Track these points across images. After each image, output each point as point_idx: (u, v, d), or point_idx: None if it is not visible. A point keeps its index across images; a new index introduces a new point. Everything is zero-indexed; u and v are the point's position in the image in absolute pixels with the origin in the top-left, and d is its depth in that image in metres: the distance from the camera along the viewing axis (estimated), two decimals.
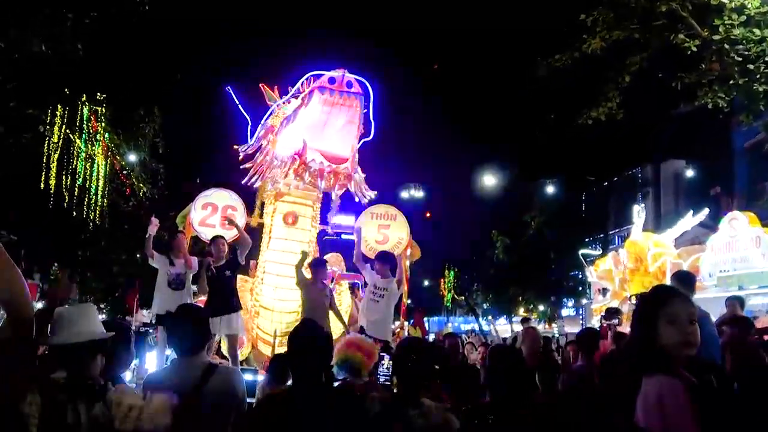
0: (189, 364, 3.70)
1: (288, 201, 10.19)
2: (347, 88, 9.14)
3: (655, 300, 3.01)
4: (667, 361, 2.86)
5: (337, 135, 9.46)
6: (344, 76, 9.13)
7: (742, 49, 14.46)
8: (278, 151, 9.81)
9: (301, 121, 9.49)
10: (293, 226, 10.11)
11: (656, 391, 2.71)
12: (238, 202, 10.51)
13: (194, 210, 10.33)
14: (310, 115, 9.39)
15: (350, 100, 9.17)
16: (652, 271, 15.44)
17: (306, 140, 9.29)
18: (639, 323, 2.99)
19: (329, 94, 9.11)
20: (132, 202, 22.19)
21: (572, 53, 16.41)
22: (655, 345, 2.84)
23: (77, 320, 3.44)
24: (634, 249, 16.24)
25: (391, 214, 11.05)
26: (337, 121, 9.34)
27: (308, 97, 9.36)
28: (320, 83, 9.22)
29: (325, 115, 9.29)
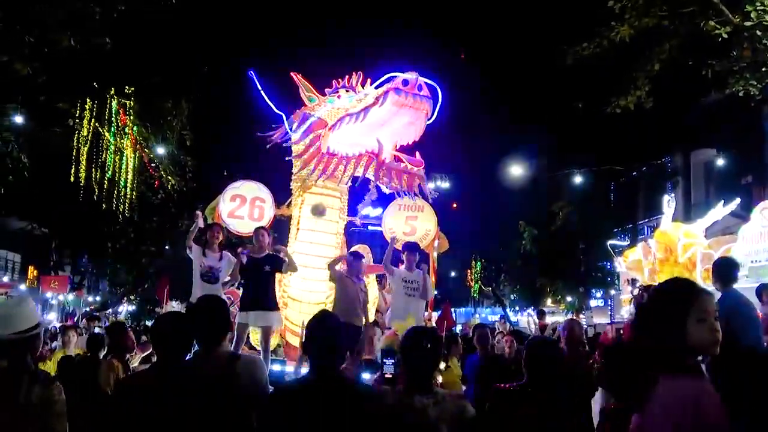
0: (211, 355, 3.71)
1: (316, 193, 10.24)
2: (418, 91, 9.29)
3: (684, 296, 2.88)
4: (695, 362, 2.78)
5: (404, 135, 9.75)
6: (417, 79, 9.30)
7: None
8: (335, 146, 9.89)
9: (374, 120, 9.59)
10: (321, 217, 10.17)
11: (692, 394, 2.60)
12: (266, 193, 10.58)
13: (223, 202, 10.41)
14: (384, 115, 9.53)
15: (421, 103, 9.34)
16: (682, 261, 15.31)
17: (381, 140, 9.54)
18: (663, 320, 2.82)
19: (404, 96, 9.24)
20: (160, 195, 22.42)
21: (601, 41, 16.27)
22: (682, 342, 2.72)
23: (12, 315, 3.71)
24: (664, 239, 16.11)
25: (418, 205, 11.04)
26: (399, 121, 9.54)
27: (383, 98, 9.44)
28: (395, 84, 9.33)
29: (391, 115, 9.46)
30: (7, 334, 3.61)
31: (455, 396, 3.70)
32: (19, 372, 3.50)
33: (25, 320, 3.71)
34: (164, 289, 12.67)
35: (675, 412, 2.58)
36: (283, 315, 9.74)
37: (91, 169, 17.36)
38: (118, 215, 19.49)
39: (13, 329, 3.64)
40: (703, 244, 15.47)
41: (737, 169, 29.74)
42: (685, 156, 32.46)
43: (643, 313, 3.02)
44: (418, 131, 9.65)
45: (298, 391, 3.20)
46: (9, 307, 3.91)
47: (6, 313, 3.77)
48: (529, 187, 36.08)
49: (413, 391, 3.50)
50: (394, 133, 9.68)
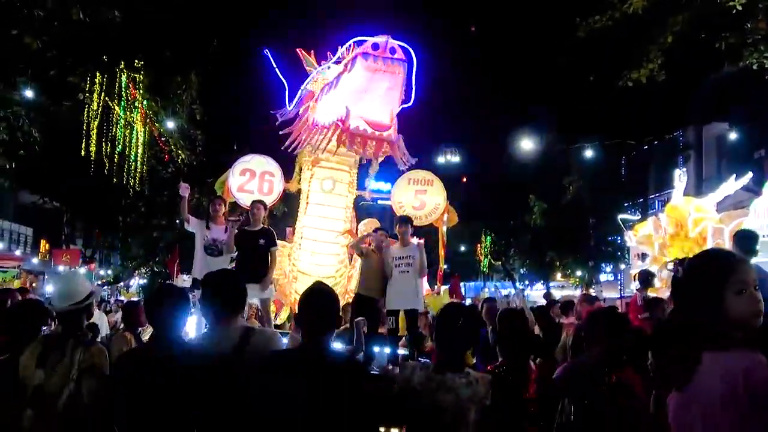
0: (227, 329, 3.69)
1: (326, 167, 10.26)
2: (391, 54, 9.08)
3: (721, 267, 2.76)
4: (741, 335, 2.66)
5: (378, 101, 9.40)
6: (388, 42, 9.08)
7: None
8: (318, 117, 9.81)
9: (344, 87, 9.44)
10: (331, 191, 10.17)
11: (742, 366, 2.50)
12: (275, 167, 10.60)
13: (232, 176, 10.44)
14: (353, 81, 9.33)
15: (393, 66, 9.11)
16: (693, 236, 15.25)
17: (349, 106, 9.24)
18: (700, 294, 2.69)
19: (372, 60, 9.07)
20: (171, 169, 22.43)
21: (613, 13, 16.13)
22: (721, 317, 2.61)
23: (69, 289, 4.34)
24: (675, 214, 16.04)
25: (428, 179, 11.04)
26: (379, 87, 9.29)
27: (351, 63, 9.32)
28: (363, 49, 9.17)
29: (368, 81, 9.24)
30: (66, 305, 4.24)
31: (487, 380, 3.63)
32: (71, 336, 4.11)
33: (80, 293, 4.32)
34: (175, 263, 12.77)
35: (724, 388, 2.51)
36: (294, 288, 9.78)
37: (101, 143, 17.35)
38: (128, 189, 19.53)
39: (71, 301, 4.26)
40: (714, 218, 15.40)
41: (750, 143, 29.53)
42: (697, 130, 32.25)
43: (679, 288, 2.89)
44: (399, 95, 9.43)
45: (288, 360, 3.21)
46: (65, 283, 4.54)
47: (64, 288, 4.40)
48: (540, 161, 35.82)
49: (445, 368, 3.52)
50: (384, 100, 9.42)
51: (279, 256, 9.33)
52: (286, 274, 10.24)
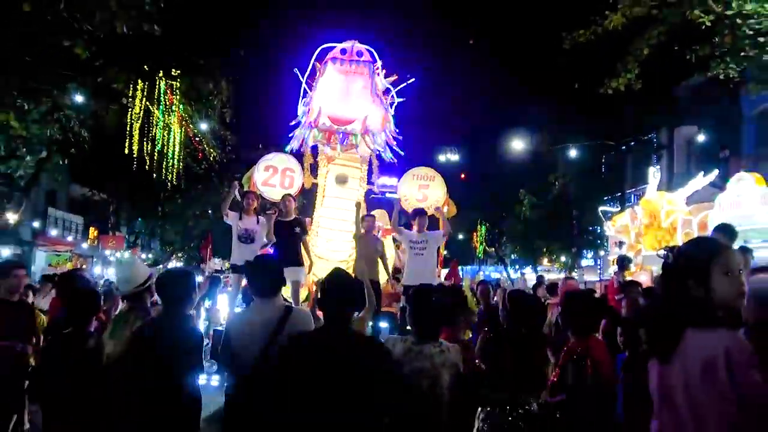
0: (269, 305, 3.75)
1: (338, 164, 10.24)
2: (357, 57, 9.40)
3: (710, 251, 2.73)
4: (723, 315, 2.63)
5: (350, 99, 9.61)
6: (353, 46, 9.46)
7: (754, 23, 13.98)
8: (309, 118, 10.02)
9: (320, 89, 9.68)
10: (344, 185, 10.16)
11: (724, 345, 2.45)
12: (295, 164, 10.59)
13: (257, 172, 10.43)
14: (328, 84, 9.57)
15: (360, 67, 9.43)
16: (665, 226, 15.22)
17: (322, 107, 9.51)
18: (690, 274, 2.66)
19: (340, 63, 9.42)
20: (204, 165, 22.49)
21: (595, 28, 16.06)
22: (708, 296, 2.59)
23: (131, 275, 4.55)
24: (649, 206, 16.00)
25: (430, 175, 11.01)
26: (351, 87, 9.53)
27: (323, 67, 9.63)
28: (333, 54, 9.50)
29: (340, 82, 9.48)
30: (130, 289, 4.48)
31: (457, 348, 3.78)
32: (134, 314, 4.26)
33: (140, 277, 4.52)
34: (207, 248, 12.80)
35: (705, 363, 2.48)
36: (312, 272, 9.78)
37: (142, 142, 17.41)
38: (166, 183, 19.58)
39: (133, 285, 4.48)
40: (684, 211, 15.36)
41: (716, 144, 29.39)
42: (669, 132, 32.14)
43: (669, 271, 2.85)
44: (369, 92, 9.57)
45: (313, 341, 3.19)
46: (127, 270, 4.75)
47: (126, 274, 4.61)
48: (530, 159, 35.76)
49: (421, 340, 3.64)
50: (356, 98, 9.62)
51: None
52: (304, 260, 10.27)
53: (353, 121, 9.57)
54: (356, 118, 9.58)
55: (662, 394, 2.69)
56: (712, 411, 2.48)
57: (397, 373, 3.11)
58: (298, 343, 3.20)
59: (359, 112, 9.63)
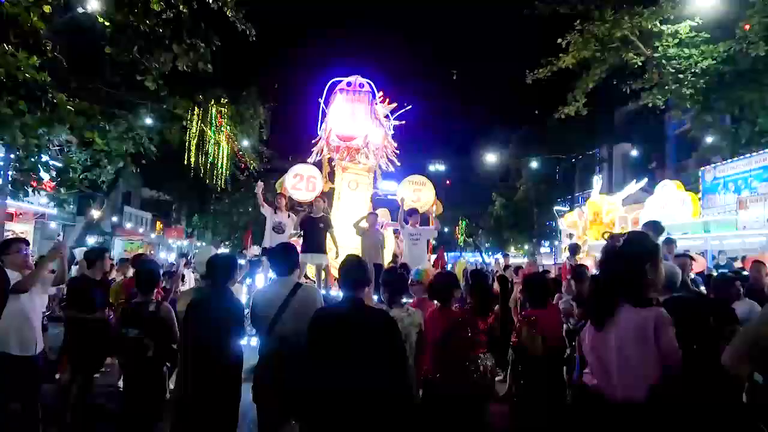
0: (284, 282, 3.71)
1: (351, 172, 10.27)
2: (359, 88, 9.58)
3: (653, 244, 2.80)
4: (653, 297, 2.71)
5: (353, 120, 9.78)
6: (357, 80, 9.64)
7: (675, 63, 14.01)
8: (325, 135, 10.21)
9: (331, 114, 9.88)
10: (355, 190, 10.19)
11: (653, 316, 2.54)
12: (317, 172, 10.56)
13: (288, 178, 10.40)
14: (337, 109, 9.77)
15: (361, 96, 9.65)
16: (606, 222, 15.20)
17: (332, 128, 9.75)
18: (645, 261, 2.68)
19: (346, 93, 9.63)
20: (245, 174, 22.45)
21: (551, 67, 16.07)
22: (639, 280, 2.64)
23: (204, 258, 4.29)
24: (593, 206, 15.98)
25: (422, 181, 10.96)
26: (354, 111, 9.71)
27: (334, 97, 9.85)
28: (341, 86, 9.72)
29: (345, 107, 9.68)
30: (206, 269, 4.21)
31: (420, 313, 3.90)
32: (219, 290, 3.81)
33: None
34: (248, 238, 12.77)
35: (638, 330, 2.54)
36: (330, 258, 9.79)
37: (198, 155, 17.39)
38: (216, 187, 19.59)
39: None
40: (620, 210, 15.34)
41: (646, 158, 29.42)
42: (610, 148, 32.11)
43: (611, 254, 2.87)
44: (369, 115, 9.79)
45: (334, 313, 3.16)
46: (203, 255, 4.70)
47: (203, 258, 4.47)
48: (500, 169, 35.80)
49: (390, 306, 3.83)
50: (358, 120, 9.77)
51: None
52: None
53: (356, 138, 9.76)
54: (358, 135, 9.78)
55: (596, 354, 2.72)
56: (639, 364, 2.54)
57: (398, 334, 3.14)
58: (323, 314, 3.19)
59: (361, 130, 9.80)
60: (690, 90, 14.05)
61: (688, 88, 14.04)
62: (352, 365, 2.83)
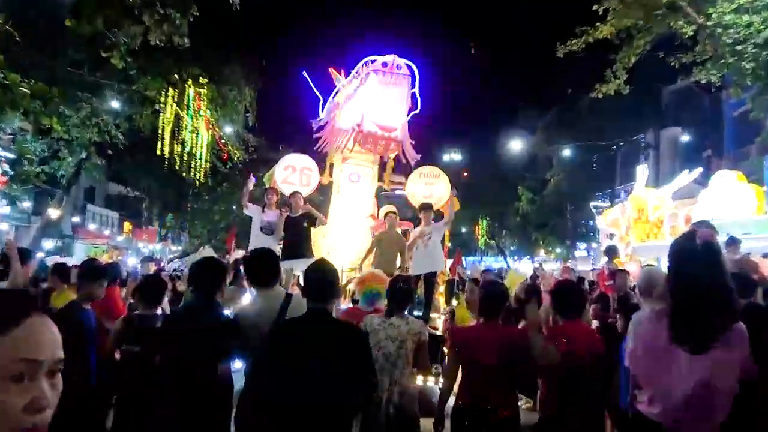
0: (270, 295, 3.70)
1: (352, 163, 10.30)
2: (397, 70, 9.30)
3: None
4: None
5: (389, 109, 9.59)
6: (394, 60, 9.34)
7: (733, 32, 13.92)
8: (341, 123, 9.99)
9: (360, 98, 9.66)
10: (356, 183, 10.23)
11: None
12: (312, 164, 10.65)
13: (278, 170, 10.51)
14: (368, 93, 9.54)
15: (400, 80, 9.37)
16: (652, 220, 15.18)
17: (364, 114, 9.46)
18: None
19: (383, 75, 9.32)
20: (228, 165, 22.52)
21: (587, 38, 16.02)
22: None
23: None
24: (637, 202, 15.95)
25: (435, 173, 11.02)
26: (388, 97, 9.49)
27: (365, 78, 9.57)
28: (375, 66, 9.42)
29: (379, 92, 9.44)
30: None
31: (420, 322, 4.43)
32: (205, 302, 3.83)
33: None
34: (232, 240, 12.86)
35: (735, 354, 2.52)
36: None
37: (173, 144, 17.47)
38: (195, 181, 19.68)
39: None
40: (670, 206, 15.30)
41: (698, 144, 29.29)
42: (656, 133, 31.99)
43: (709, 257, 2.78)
44: (405, 103, 9.65)
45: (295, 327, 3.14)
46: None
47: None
48: (527, 158, 35.74)
49: (390, 315, 4.26)
50: (394, 107, 9.62)
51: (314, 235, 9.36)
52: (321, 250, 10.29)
53: (396, 129, 9.66)
54: (397, 126, 9.69)
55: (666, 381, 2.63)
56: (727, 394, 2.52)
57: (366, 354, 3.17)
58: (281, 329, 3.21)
59: (398, 120, 9.72)
60: (751, 64, 13.96)
61: (749, 61, 13.94)
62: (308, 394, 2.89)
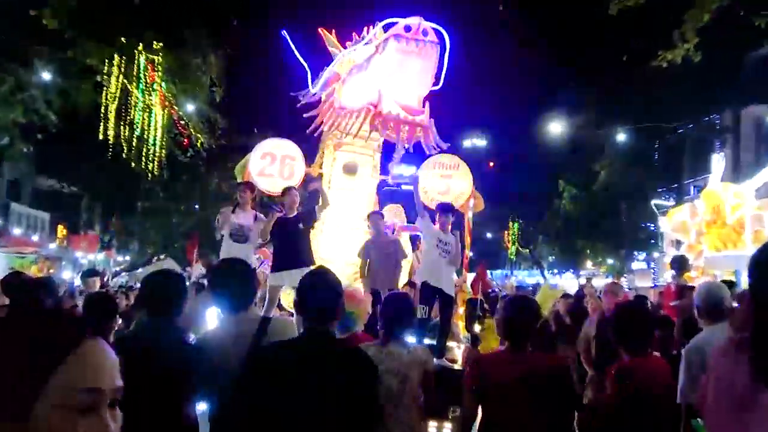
0: (241, 320, 3.65)
1: (348, 150, 10.21)
2: (423, 36, 8.97)
3: None
4: None
5: (410, 84, 9.36)
6: (420, 24, 8.87)
7: None
8: (346, 100, 9.71)
9: (375, 70, 9.32)
10: (353, 176, 10.17)
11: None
12: (296, 151, 10.59)
13: (253, 160, 10.44)
14: (385, 64, 9.19)
15: (425, 49, 8.93)
16: (730, 223, 15.11)
17: (382, 91, 9.11)
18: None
19: (405, 42, 8.86)
20: (190, 153, 22.57)
21: None
22: None
23: None
24: (712, 200, 15.88)
25: (453, 163, 10.97)
26: (411, 70, 9.15)
27: (383, 45, 9.14)
28: (396, 31, 8.94)
29: (399, 63, 9.09)
30: None
31: (423, 349, 4.58)
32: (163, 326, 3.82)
33: None
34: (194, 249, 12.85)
35: None
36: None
37: (119, 126, 17.50)
38: (147, 174, 19.69)
39: None
40: (753, 205, 15.24)
41: None
42: (735, 113, 31.85)
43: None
44: (430, 79, 9.27)
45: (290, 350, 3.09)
46: None
47: None
48: (570, 144, 35.63)
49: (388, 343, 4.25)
50: (415, 83, 9.35)
51: None
52: None
53: (423, 111, 9.41)
54: (424, 108, 9.38)
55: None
56: None
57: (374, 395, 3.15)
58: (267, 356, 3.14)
59: (421, 100, 9.44)
60: None
61: None
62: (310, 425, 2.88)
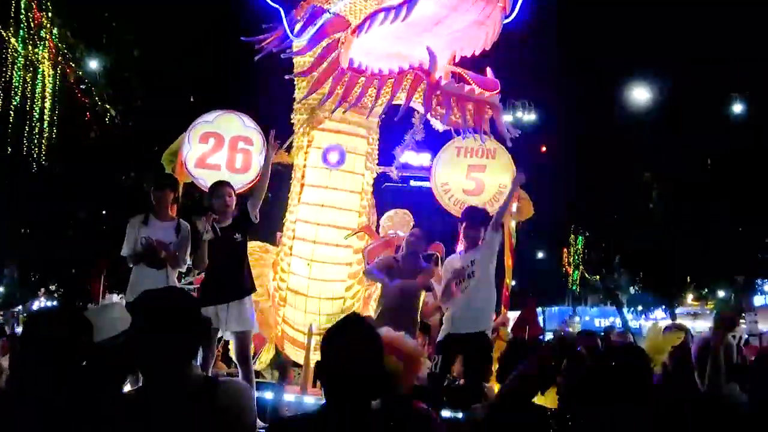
0: (171, 386, 3.58)
1: (331, 130, 10.08)
2: None
3: None
4: None
5: (458, 40, 9.39)
6: None
7: None
8: (363, 57, 9.54)
9: (419, 18, 9.08)
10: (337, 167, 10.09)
11: None
12: (254, 131, 10.50)
13: (188, 143, 10.41)
14: (431, 9, 9.06)
15: None
16: None
17: (432, 49, 9.13)
18: None
19: None
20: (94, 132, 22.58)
21: None
22: None
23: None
24: None
25: (487, 149, 10.96)
26: (460, 19, 9.12)
27: None
28: None
29: (448, 9, 9.02)
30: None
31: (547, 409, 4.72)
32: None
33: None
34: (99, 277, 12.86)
35: None
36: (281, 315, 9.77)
37: None
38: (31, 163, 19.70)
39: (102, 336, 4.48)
40: None
41: None
42: None
43: None
44: (490, 36, 9.29)
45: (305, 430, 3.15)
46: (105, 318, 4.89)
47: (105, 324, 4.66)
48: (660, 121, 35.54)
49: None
50: (451, 37, 9.37)
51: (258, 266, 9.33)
52: (269, 295, 10.20)
53: (497, 85, 9.52)
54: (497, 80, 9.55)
55: None
56: None
57: None
58: None
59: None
60: None
61: None
62: None
